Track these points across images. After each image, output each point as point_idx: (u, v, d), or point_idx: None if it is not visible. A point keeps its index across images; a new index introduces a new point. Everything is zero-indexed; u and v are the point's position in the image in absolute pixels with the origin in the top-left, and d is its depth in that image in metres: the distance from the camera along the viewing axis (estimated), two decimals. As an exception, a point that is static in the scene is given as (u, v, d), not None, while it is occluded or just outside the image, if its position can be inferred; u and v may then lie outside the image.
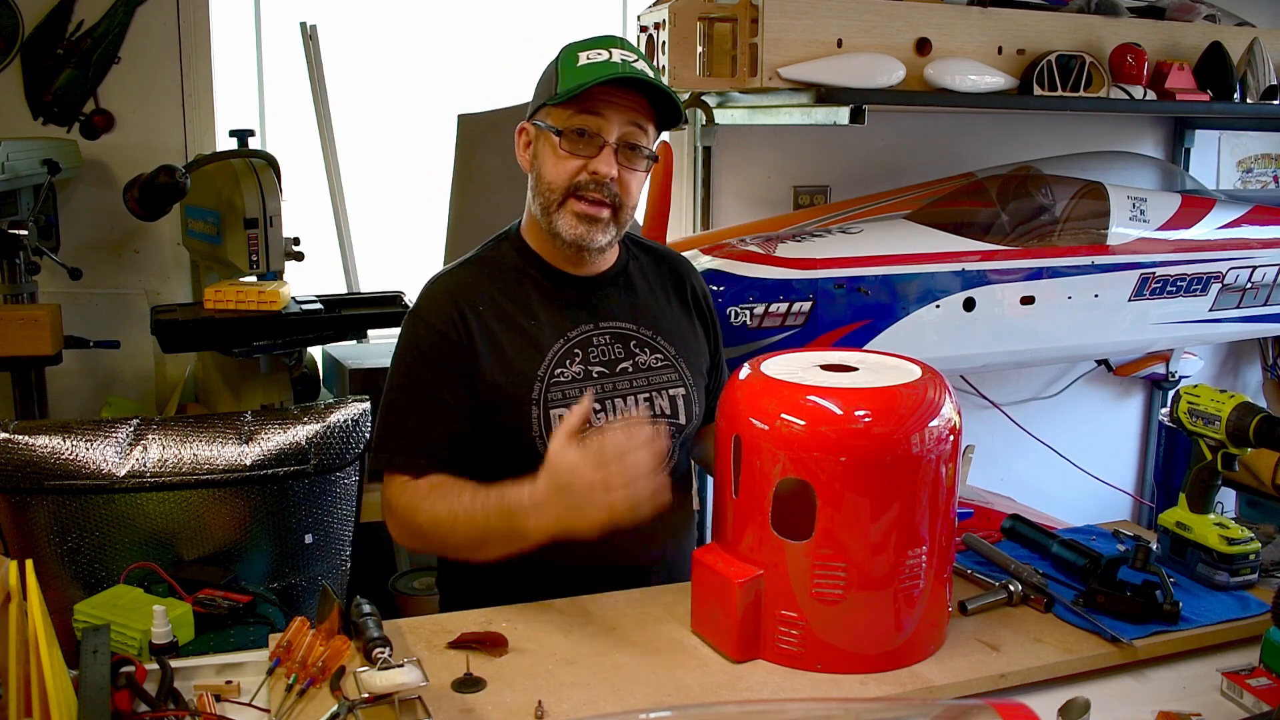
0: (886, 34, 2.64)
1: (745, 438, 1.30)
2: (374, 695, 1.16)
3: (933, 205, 2.92)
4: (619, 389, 1.58)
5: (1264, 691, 1.25)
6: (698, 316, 1.74)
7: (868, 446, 1.24)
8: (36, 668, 1.02)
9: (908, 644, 1.31)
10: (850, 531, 1.26)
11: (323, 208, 2.88)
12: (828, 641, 1.29)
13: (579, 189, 1.51)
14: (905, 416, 1.26)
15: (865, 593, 1.27)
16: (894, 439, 1.25)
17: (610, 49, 1.49)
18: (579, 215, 1.52)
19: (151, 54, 2.68)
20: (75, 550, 1.62)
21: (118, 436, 1.65)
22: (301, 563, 1.73)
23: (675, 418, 1.62)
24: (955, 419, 1.31)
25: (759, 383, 1.33)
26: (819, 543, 1.25)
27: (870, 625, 1.29)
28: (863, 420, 1.25)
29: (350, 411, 1.77)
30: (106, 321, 2.70)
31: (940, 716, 0.95)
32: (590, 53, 1.49)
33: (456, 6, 3.05)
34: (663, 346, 1.64)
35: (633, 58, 1.49)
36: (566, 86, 1.47)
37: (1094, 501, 3.67)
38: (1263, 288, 3.13)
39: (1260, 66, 3.05)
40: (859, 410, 1.26)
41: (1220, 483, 1.55)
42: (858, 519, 1.25)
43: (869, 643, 1.29)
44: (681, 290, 1.73)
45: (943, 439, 1.28)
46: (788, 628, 1.29)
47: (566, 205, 1.52)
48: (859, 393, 1.28)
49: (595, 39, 1.53)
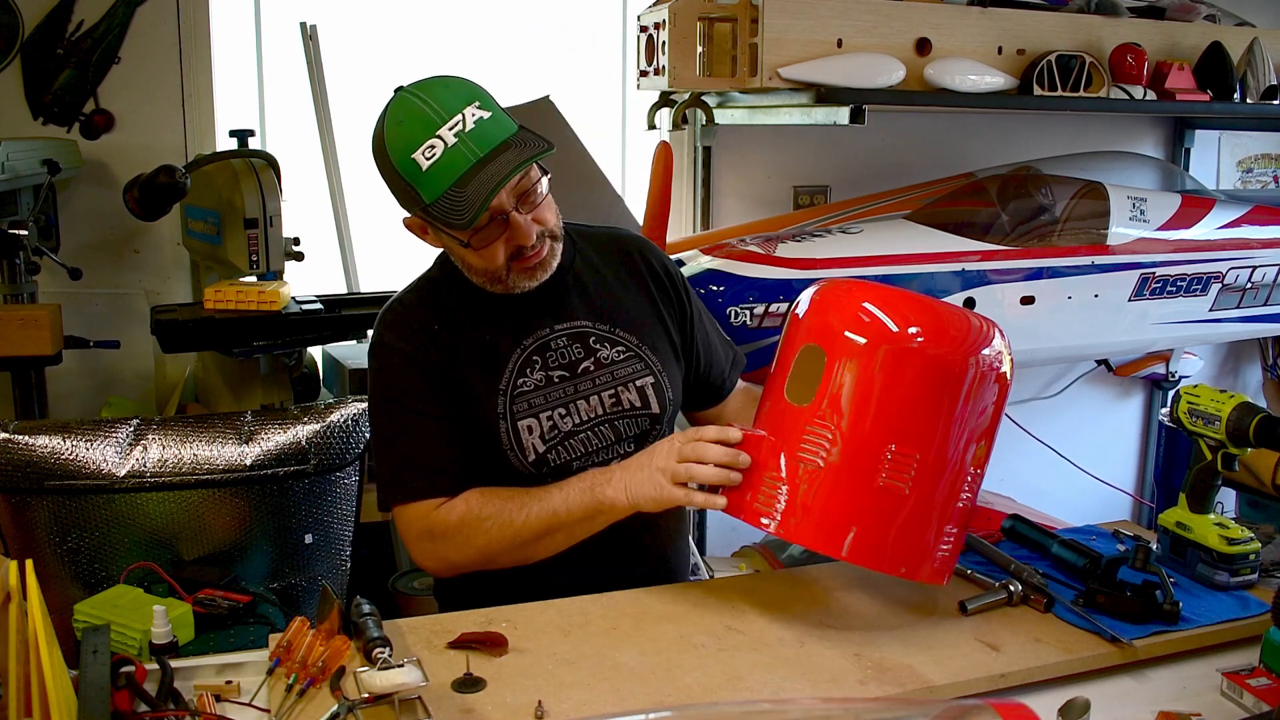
0: (886, 34, 2.64)
1: (804, 326, 1.39)
2: (374, 695, 1.16)
3: (933, 205, 2.92)
4: (581, 390, 1.57)
5: (1264, 691, 1.25)
6: (659, 291, 1.68)
7: (917, 352, 1.32)
8: (36, 668, 1.02)
9: (877, 546, 1.33)
10: (853, 406, 1.31)
11: (323, 208, 2.88)
12: (802, 508, 1.33)
13: (514, 256, 1.49)
14: (960, 338, 1.33)
15: (846, 467, 1.31)
16: (942, 353, 1.32)
17: (436, 133, 1.38)
18: (527, 270, 1.51)
19: (151, 54, 2.68)
20: (75, 550, 1.62)
21: (118, 436, 1.65)
22: (301, 563, 1.73)
23: (647, 408, 1.60)
24: (1007, 369, 1.37)
25: (838, 287, 1.42)
26: (816, 409, 1.32)
27: (843, 506, 1.33)
28: (918, 336, 1.32)
29: (350, 411, 1.77)
30: (106, 321, 2.71)
31: (940, 716, 0.95)
32: (422, 151, 1.39)
33: (456, 7, 3.05)
34: (623, 338, 1.61)
35: (457, 121, 1.38)
36: (434, 197, 1.41)
37: (1094, 501, 3.67)
38: (1263, 288, 3.13)
39: (1260, 66, 3.05)
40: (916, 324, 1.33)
41: (1220, 483, 1.55)
42: (864, 399, 1.31)
43: (839, 524, 1.33)
44: (636, 272, 1.68)
45: (985, 373, 1.33)
46: (772, 487, 1.35)
47: (512, 271, 1.50)
48: (930, 304, 1.38)
49: (413, 122, 1.40)
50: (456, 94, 1.42)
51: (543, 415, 1.54)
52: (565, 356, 1.57)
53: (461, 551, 1.50)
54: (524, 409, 1.54)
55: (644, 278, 1.69)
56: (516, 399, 1.54)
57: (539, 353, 1.56)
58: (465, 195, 1.39)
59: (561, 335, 1.58)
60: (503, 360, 1.55)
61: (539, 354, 1.56)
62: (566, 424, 1.55)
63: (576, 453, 1.56)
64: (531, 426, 1.53)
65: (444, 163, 1.39)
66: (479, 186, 1.38)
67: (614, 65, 3.24)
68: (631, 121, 3.28)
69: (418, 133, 1.40)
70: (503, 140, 1.41)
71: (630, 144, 3.30)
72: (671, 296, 1.70)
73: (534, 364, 1.56)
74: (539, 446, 1.54)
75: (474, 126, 1.39)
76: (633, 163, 3.30)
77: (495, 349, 1.55)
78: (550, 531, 1.47)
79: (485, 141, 1.39)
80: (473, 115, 1.40)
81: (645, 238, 1.81)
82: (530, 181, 1.46)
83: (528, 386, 1.55)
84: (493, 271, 1.51)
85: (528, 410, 1.54)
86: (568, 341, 1.58)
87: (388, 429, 1.55)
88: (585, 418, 1.56)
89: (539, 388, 1.55)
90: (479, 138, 1.39)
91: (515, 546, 1.48)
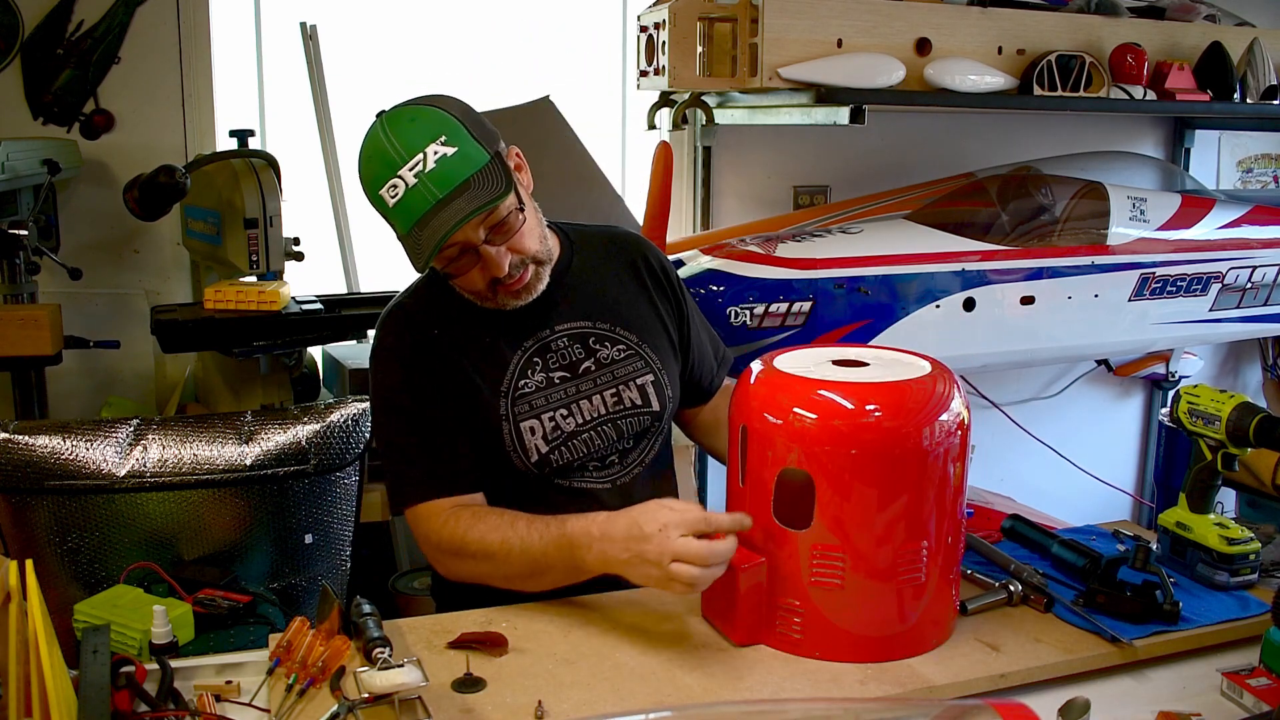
0: (886, 34, 2.64)
1: (754, 430, 1.32)
2: (374, 695, 1.16)
3: (933, 205, 2.92)
4: (583, 390, 1.57)
5: (1264, 691, 1.25)
6: (656, 291, 1.69)
7: (877, 440, 1.26)
8: (36, 668, 1.02)
9: (909, 637, 1.32)
10: (852, 522, 1.27)
11: (323, 208, 2.88)
12: (827, 630, 1.30)
13: (495, 282, 1.49)
14: (915, 411, 1.28)
15: (865, 582, 1.28)
16: (903, 433, 1.27)
17: (397, 173, 1.38)
18: (513, 293, 1.51)
19: (151, 54, 2.68)
20: (75, 550, 1.62)
21: (118, 436, 1.65)
22: (301, 563, 1.73)
23: (648, 406, 1.61)
24: (964, 415, 1.32)
25: (772, 377, 1.35)
26: (818, 532, 1.28)
27: (870, 615, 1.30)
28: (873, 414, 1.27)
29: (350, 411, 1.77)
30: (106, 321, 2.70)
31: (940, 716, 0.95)
32: (386, 190, 1.39)
33: (456, 7, 3.05)
34: (623, 337, 1.62)
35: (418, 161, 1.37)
36: (404, 231, 1.41)
37: (1094, 501, 3.67)
38: (1263, 288, 3.13)
39: (1260, 66, 3.05)
40: (869, 404, 1.27)
41: (1220, 483, 1.55)
42: (862, 510, 1.27)
43: (869, 633, 1.30)
44: (635, 271, 1.69)
45: (950, 434, 1.29)
46: (789, 614, 1.31)
47: (498, 294, 1.51)
48: (869, 387, 1.29)
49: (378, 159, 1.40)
50: (423, 129, 1.39)
51: (545, 416, 1.54)
52: (566, 357, 1.58)
53: (460, 573, 1.50)
54: (526, 410, 1.54)
55: (641, 275, 1.69)
56: (518, 400, 1.54)
57: (539, 354, 1.57)
58: (421, 239, 1.39)
59: (561, 336, 1.58)
60: (503, 362, 1.55)
61: (539, 356, 1.57)
62: (569, 424, 1.55)
63: (579, 453, 1.56)
64: (534, 428, 1.54)
65: (405, 202, 1.38)
66: (432, 232, 1.38)
67: (614, 65, 3.24)
68: (631, 121, 3.28)
69: (382, 171, 1.40)
70: (465, 179, 1.38)
71: (630, 144, 3.30)
72: (668, 293, 1.71)
73: (535, 365, 1.56)
74: (541, 447, 1.54)
75: (434, 166, 1.37)
76: (633, 163, 3.30)
77: (496, 351, 1.55)
78: (532, 575, 1.43)
79: (445, 182, 1.37)
80: (435, 154, 1.38)
81: (642, 236, 1.81)
82: (501, 214, 1.43)
83: (529, 388, 1.55)
84: (477, 294, 1.52)
85: (529, 411, 1.54)
86: (568, 342, 1.58)
87: (393, 433, 1.55)
88: (587, 417, 1.56)
89: (540, 389, 1.55)
90: (439, 178, 1.37)
91: (507, 581, 1.46)
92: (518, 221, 1.46)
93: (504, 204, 1.42)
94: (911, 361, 1.40)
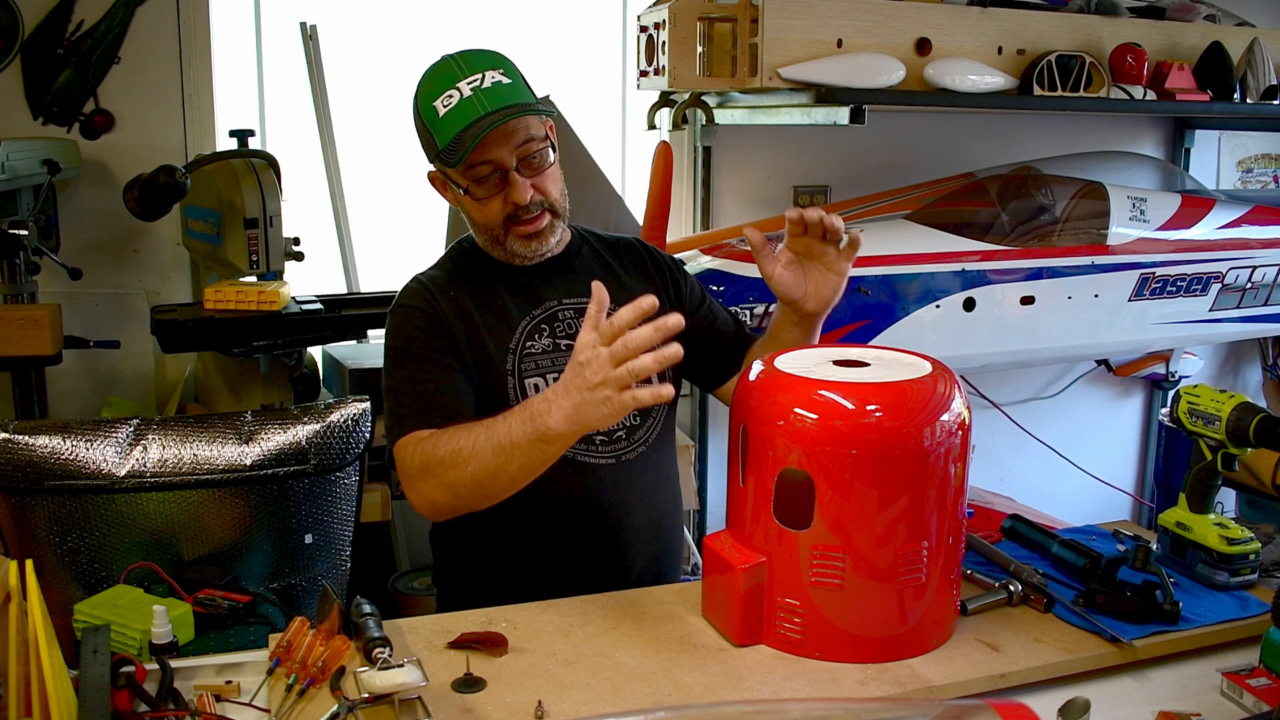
0: (886, 34, 2.64)
1: (754, 430, 1.32)
2: (374, 695, 1.16)
3: (933, 205, 2.92)
4: None
5: (1264, 691, 1.25)
6: (659, 277, 1.76)
7: (877, 440, 1.26)
8: (36, 668, 1.02)
9: (909, 637, 1.31)
10: (852, 522, 1.27)
11: (323, 208, 2.88)
12: (827, 630, 1.30)
13: (511, 219, 1.58)
14: (915, 411, 1.28)
15: (865, 583, 1.28)
16: (903, 433, 1.26)
17: (456, 85, 1.52)
18: (524, 237, 1.60)
19: (151, 54, 2.68)
20: (75, 550, 1.62)
21: (118, 436, 1.65)
22: (301, 563, 1.73)
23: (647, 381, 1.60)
24: (965, 415, 1.32)
25: (772, 377, 1.35)
26: (818, 532, 1.27)
27: (870, 616, 1.30)
28: (874, 415, 1.27)
29: (350, 411, 1.77)
30: (106, 321, 2.71)
31: (940, 716, 0.94)
32: (441, 99, 1.52)
33: (456, 7, 3.06)
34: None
35: (477, 78, 1.51)
36: (444, 143, 1.52)
37: (1094, 501, 3.68)
38: (1263, 288, 3.13)
39: (1260, 66, 3.05)
40: (870, 405, 1.27)
41: (1220, 483, 1.55)
42: (863, 511, 1.27)
43: (869, 633, 1.30)
44: (639, 262, 1.77)
45: (951, 434, 1.29)
46: (788, 614, 1.31)
47: (509, 234, 1.60)
48: (869, 387, 1.29)
49: (440, 76, 1.54)
50: (485, 59, 1.55)
51: (550, 376, 1.60)
52: (572, 328, 1.64)
53: (436, 489, 1.47)
54: (531, 368, 1.60)
55: (646, 266, 1.77)
56: (524, 358, 1.61)
57: (547, 322, 1.64)
58: (464, 138, 1.50)
59: (569, 309, 1.66)
60: (513, 323, 1.62)
61: (547, 323, 1.64)
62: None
63: None
64: (538, 385, 1.59)
65: (456, 110, 1.51)
66: (476, 131, 1.49)
67: (614, 65, 3.24)
68: (631, 121, 3.28)
69: (441, 85, 1.53)
70: (514, 102, 1.51)
71: (630, 144, 3.30)
72: (669, 278, 1.77)
73: (542, 331, 1.63)
74: None
75: (490, 85, 1.51)
76: (633, 163, 3.30)
77: (507, 312, 1.63)
78: (502, 464, 1.40)
79: (497, 99, 1.51)
80: (492, 77, 1.53)
81: (647, 242, 1.87)
82: (534, 147, 1.54)
83: (535, 349, 1.62)
84: (491, 229, 1.60)
85: (535, 370, 1.60)
86: (574, 314, 1.65)
87: (399, 379, 1.58)
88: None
89: (546, 352, 1.62)
90: (492, 95, 1.51)
91: (476, 484, 1.43)
92: (546, 160, 1.57)
93: (541, 129, 1.55)
94: (912, 361, 1.40)
